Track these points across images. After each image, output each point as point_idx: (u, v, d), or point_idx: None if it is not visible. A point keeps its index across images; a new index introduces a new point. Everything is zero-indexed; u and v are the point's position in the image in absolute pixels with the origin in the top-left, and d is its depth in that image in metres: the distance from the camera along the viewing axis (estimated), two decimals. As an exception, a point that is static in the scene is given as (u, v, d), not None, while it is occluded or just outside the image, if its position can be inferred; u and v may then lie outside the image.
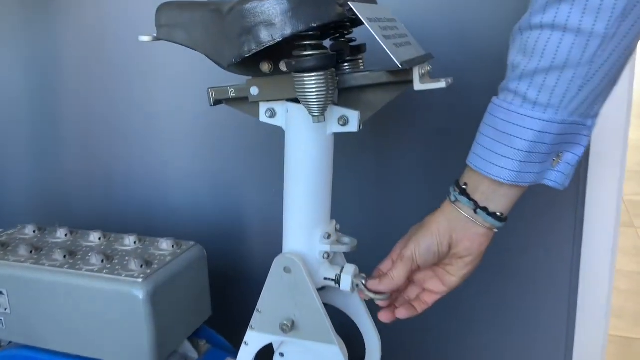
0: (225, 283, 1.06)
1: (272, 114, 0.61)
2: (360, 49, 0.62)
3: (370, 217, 0.98)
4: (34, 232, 0.84)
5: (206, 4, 0.58)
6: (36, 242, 0.80)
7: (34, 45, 1.13)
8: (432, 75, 0.57)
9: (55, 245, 0.79)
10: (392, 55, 0.48)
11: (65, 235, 0.82)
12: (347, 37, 0.62)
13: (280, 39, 0.48)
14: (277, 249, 0.64)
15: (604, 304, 0.93)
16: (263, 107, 0.61)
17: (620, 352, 1.48)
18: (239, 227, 1.09)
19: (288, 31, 0.48)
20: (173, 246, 0.77)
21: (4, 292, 0.74)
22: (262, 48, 0.49)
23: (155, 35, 0.62)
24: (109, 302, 0.69)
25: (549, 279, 0.94)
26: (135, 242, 0.78)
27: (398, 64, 0.48)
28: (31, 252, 0.76)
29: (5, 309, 0.74)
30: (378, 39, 0.48)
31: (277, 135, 0.97)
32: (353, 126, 0.58)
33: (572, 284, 0.93)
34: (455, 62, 0.88)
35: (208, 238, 1.11)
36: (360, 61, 0.63)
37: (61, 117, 1.16)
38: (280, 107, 0.60)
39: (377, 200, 0.98)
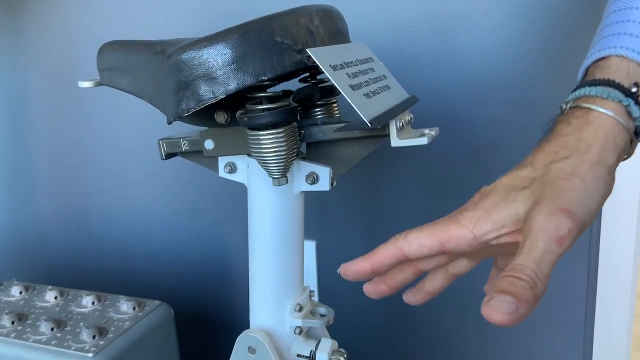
0: (205, 332, 0.98)
1: (232, 169, 0.53)
2: (333, 91, 0.54)
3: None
4: (-13, 288, 0.77)
5: (151, 44, 0.50)
6: (-13, 302, 0.72)
7: (1, 84, 1.06)
8: (418, 119, 0.49)
9: (6, 307, 0.71)
10: (359, 112, 0.40)
11: (20, 292, 0.75)
12: (318, 77, 0.54)
13: (224, 96, 0.40)
14: None
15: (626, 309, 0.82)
16: (222, 162, 0.53)
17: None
18: (221, 269, 1.01)
19: (232, 86, 0.40)
20: (134, 308, 0.69)
21: (-54, 363, 0.66)
22: (203, 107, 0.41)
23: (97, 79, 0.55)
24: (57, 379, 0.61)
25: (565, 282, 0.84)
26: (93, 303, 0.70)
27: (367, 123, 0.40)
28: (-22, 316, 0.68)
29: (-51, 381, 0.67)
30: (342, 92, 0.40)
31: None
32: (324, 184, 0.50)
33: (589, 287, 0.82)
34: (450, 91, 0.79)
35: (188, 277, 1.03)
36: (335, 105, 0.54)
37: (32, 155, 1.09)
38: (241, 161, 0.52)
39: (370, 237, 0.90)
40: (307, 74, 0.53)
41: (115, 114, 1.00)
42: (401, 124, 0.44)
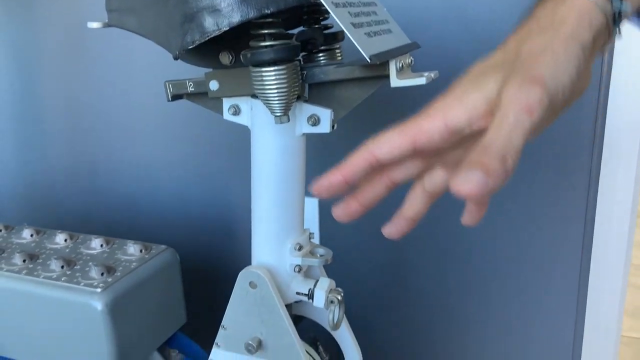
0: (210, 284, 1.01)
1: (236, 111, 0.54)
2: (336, 36, 0.55)
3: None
4: (0, 231, 0.79)
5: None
6: (0, 243, 0.75)
7: (13, 38, 1.07)
8: (419, 69, 0.50)
9: (17, 247, 0.74)
10: (359, 47, 0.41)
11: (31, 235, 0.77)
12: (322, 23, 0.55)
13: (227, 28, 0.41)
14: None
15: (617, 301, 0.84)
16: (226, 103, 0.55)
17: (634, 355, 1.40)
18: (226, 223, 1.03)
19: (236, 19, 0.41)
20: (141, 250, 0.71)
21: (-39, 298, 0.69)
22: (207, 39, 0.42)
23: (106, 21, 0.56)
24: (67, 312, 0.63)
25: (556, 274, 0.86)
26: (102, 245, 0.73)
27: (367, 58, 0.41)
28: (-9, 254, 0.71)
29: (-37, 315, 0.70)
30: (343, 27, 0.41)
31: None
32: (325, 127, 0.51)
33: (581, 280, 0.85)
34: (455, 50, 0.80)
35: (194, 230, 1.05)
36: (338, 51, 0.55)
37: (44, 109, 1.11)
38: (244, 103, 0.54)
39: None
40: (312, 20, 0.54)
41: (124, 69, 1.01)
42: (401, 65, 0.45)
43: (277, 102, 0.46)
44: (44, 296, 0.64)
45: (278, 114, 0.47)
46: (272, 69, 0.45)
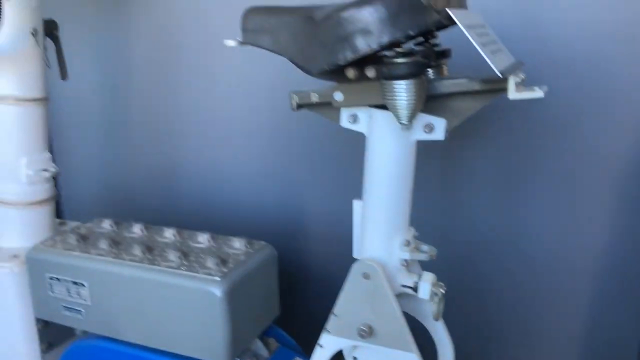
0: (289, 282, 1.07)
1: (355, 119, 0.61)
2: (445, 53, 0.61)
3: (442, 224, 0.97)
4: (111, 226, 0.87)
5: (295, 9, 0.58)
6: (114, 236, 0.83)
7: (106, 45, 1.17)
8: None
9: (132, 240, 0.81)
10: (492, 65, 0.47)
11: (141, 230, 0.85)
12: (431, 41, 0.61)
13: (377, 48, 0.48)
14: (340, 249, 0.63)
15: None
16: (345, 113, 0.61)
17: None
18: (301, 227, 1.10)
19: (385, 39, 0.47)
20: (246, 245, 0.78)
21: (86, 284, 0.77)
22: (359, 56, 0.49)
23: (240, 39, 0.63)
24: (187, 299, 0.70)
25: None
26: (208, 240, 0.80)
27: (498, 74, 0.47)
28: (111, 246, 0.79)
29: (86, 300, 0.77)
30: (478, 48, 0.47)
31: (341, 137, 0.97)
32: (439, 134, 0.57)
33: None
34: (532, 68, 0.85)
35: (271, 237, 1.12)
36: (444, 67, 0.62)
37: (130, 113, 1.20)
38: (363, 113, 0.60)
39: (447, 205, 0.97)
40: (423, 39, 0.61)
41: (209, 77, 1.09)
42: (517, 80, 0.51)
43: (405, 112, 0.53)
44: (166, 283, 0.71)
45: (404, 122, 0.53)
46: (405, 82, 0.51)
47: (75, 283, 0.77)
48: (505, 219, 0.93)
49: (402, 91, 0.52)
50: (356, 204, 0.64)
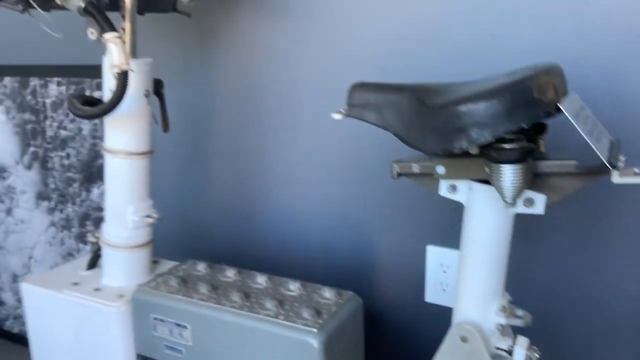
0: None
1: (454, 189, 0.65)
2: (542, 128, 0.64)
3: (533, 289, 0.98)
4: (205, 269, 0.94)
5: (402, 88, 0.63)
6: (211, 280, 0.89)
7: (189, 86, 1.25)
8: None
9: (229, 285, 0.87)
10: (599, 155, 0.50)
11: (235, 275, 0.91)
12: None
13: (492, 139, 0.52)
14: (413, 298, 0.64)
15: None
16: (445, 183, 0.65)
17: None
18: (374, 272, 1.13)
19: (500, 131, 0.51)
20: (336, 295, 0.83)
21: (188, 326, 0.83)
22: (473, 146, 0.52)
23: (345, 112, 0.68)
24: (284, 347, 0.75)
25: None
26: (299, 288, 0.85)
27: (606, 164, 0.50)
28: (210, 290, 0.85)
29: (187, 341, 0.84)
30: (586, 138, 0.50)
31: (415, 186, 1.00)
32: (539, 209, 0.60)
33: None
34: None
35: (345, 282, 1.17)
36: (542, 142, 0.65)
37: (211, 153, 1.27)
38: (463, 184, 0.64)
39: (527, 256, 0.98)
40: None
41: (289, 124, 1.15)
42: (622, 165, 0.54)
43: (511, 193, 0.56)
44: (265, 331, 0.77)
45: (509, 202, 0.57)
46: (513, 166, 0.54)
47: (178, 325, 0.84)
48: (585, 269, 0.94)
49: (510, 174, 0.55)
50: (430, 250, 0.67)
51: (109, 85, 0.85)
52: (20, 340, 1.65)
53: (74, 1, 0.72)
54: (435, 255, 0.97)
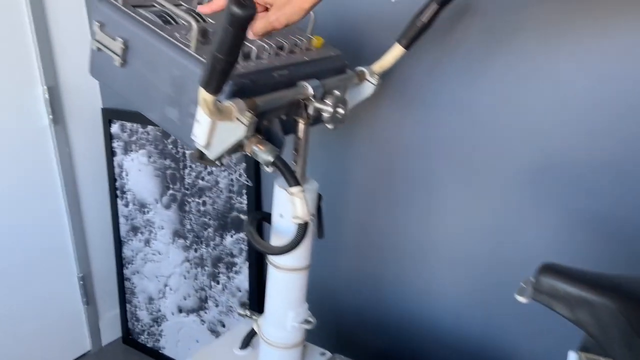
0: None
1: None
2: None
3: None
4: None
5: (600, 286, 0.61)
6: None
7: (322, 161, 1.28)
8: None
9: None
10: None
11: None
12: None
13: None
14: None
15: None
16: None
17: None
18: (501, 355, 1.15)
19: None
20: None
21: None
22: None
23: (531, 296, 0.69)
24: None
25: None
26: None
27: None
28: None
29: None
30: None
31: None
32: None
33: None
34: None
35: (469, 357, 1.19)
36: None
37: (343, 225, 1.31)
38: None
39: None
40: None
41: (419, 209, 1.16)
42: None
43: None
44: None
45: None
46: None
47: None
48: None
49: None
50: (571, 356, 0.66)
51: (279, 209, 0.90)
52: (152, 353, 1.84)
53: (263, 156, 0.76)
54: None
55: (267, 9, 0.74)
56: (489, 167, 1.05)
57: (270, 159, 0.77)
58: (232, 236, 1.51)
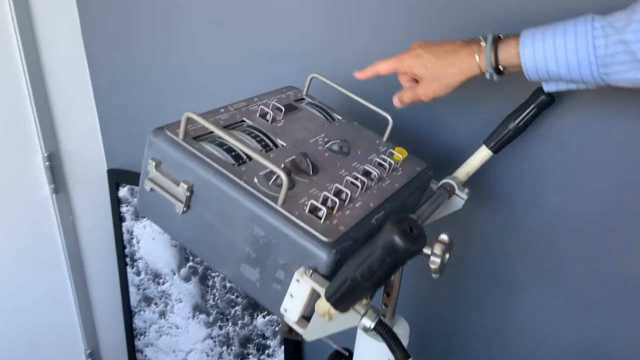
0: None
1: None
2: None
3: None
4: None
5: None
6: None
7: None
8: None
9: None
10: None
11: None
12: None
13: None
14: None
15: None
16: None
17: None
18: None
19: None
20: None
21: None
22: None
23: None
24: None
25: None
26: None
27: None
28: None
29: None
30: None
31: None
32: None
33: None
34: None
35: None
36: None
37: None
38: None
39: None
40: None
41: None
42: None
43: None
44: None
45: None
46: None
47: None
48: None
49: None
50: None
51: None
52: None
53: (363, 321, 0.63)
54: None
55: (416, 81, 0.77)
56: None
57: (371, 324, 0.64)
58: (264, 317, 1.37)
